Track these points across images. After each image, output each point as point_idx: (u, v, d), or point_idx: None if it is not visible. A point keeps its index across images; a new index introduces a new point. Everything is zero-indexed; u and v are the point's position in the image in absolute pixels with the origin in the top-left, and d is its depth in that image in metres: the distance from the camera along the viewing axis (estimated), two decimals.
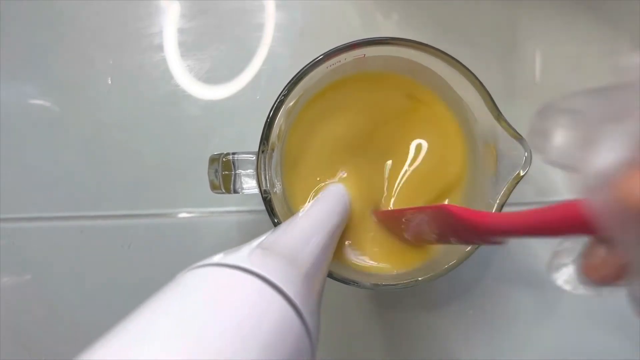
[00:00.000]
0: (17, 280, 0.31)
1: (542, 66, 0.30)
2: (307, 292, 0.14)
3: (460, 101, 0.24)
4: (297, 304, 0.13)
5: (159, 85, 0.31)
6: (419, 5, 0.30)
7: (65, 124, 0.31)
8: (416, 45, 0.22)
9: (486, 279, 0.30)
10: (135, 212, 0.31)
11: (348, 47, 0.22)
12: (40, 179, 0.31)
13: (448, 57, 0.22)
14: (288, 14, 0.31)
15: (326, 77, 0.24)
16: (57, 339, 0.31)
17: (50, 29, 0.32)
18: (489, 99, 0.22)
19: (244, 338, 0.11)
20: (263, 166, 0.22)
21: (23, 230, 0.31)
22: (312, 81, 0.23)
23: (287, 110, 0.23)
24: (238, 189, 0.24)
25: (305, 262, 0.16)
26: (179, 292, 0.13)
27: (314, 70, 0.22)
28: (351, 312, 0.30)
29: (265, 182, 0.23)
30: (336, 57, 0.22)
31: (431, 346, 0.30)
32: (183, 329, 0.11)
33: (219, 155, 0.24)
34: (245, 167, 0.23)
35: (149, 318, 0.12)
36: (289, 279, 0.14)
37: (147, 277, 0.30)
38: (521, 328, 0.30)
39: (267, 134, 0.22)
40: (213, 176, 0.24)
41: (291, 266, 0.15)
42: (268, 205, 0.22)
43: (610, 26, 0.30)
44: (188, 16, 0.31)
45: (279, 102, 0.22)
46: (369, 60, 0.24)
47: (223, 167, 0.23)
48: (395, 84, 0.25)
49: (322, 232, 0.19)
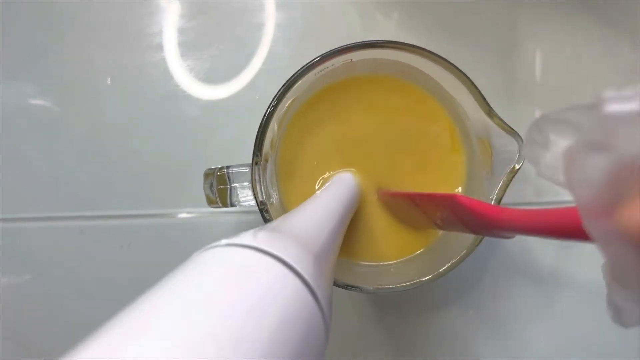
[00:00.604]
0: (17, 280, 0.31)
1: (542, 66, 0.30)
2: (319, 273, 0.14)
3: (451, 99, 0.24)
4: (310, 283, 0.13)
5: (159, 85, 0.31)
6: (419, 5, 0.30)
7: (65, 124, 0.31)
8: (403, 47, 0.22)
9: (486, 279, 0.30)
10: (135, 212, 0.31)
11: (335, 52, 0.22)
12: (40, 179, 0.31)
13: (436, 57, 0.22)
14: (288, 14, 0.31)
15: (316, 83, 0.24)
16: (57, 339, 0.31)
17: (50, 29, 0.32)
18: (480, 96, 0.22)
19: (259, 317, 0.11)
20: (258, 178, 0.23)
21: (23, 230, 0.31)
22: (302, 89, 0.23)
23: (278, 119, 0.23)
24: (235, 202, 0.24)
25: (316, 245, 0.16)
26: (194, 272, 0.13)
27: (302, 78, 0.22)
28: (351, 313, 0.30)
29: (261, 193, 0.23)
30: (324, 64, 0.22)
31: (431, 346, 0.30)
32: (198, 308, 0.11)
33: (213, 170, 0.24)
34: (240, 180, 0.23)
35: (164, 299, 0.12)
36: (302, 259, 0.14)
37: (147, 277, 0.30)
38: (521, 328, 0.30)
39: (259, 146, 0.22)
40: (209, 191, 0.24)
41: (303, 248, 0.15)
42: (265, 217, 0.23)
43: (610, 26, 0.30)
44: (188, 16, 0.31)
45: (269, 113, 0.22)
46: (358, 64, 0.24)
47: (218, 182, 0.23)
48: (386, 85, 0.25)
49: (332, 216, 0.19)
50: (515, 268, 0.30)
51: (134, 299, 0.12)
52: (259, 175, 0.22)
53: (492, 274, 0.30)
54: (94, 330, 0.11)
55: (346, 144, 0.26)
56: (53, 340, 0.31)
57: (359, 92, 0.25)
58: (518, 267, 0.30)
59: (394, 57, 0.23)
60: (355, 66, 0.24)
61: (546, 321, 0.30)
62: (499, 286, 0.30)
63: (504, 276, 0.30)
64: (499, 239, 0.19)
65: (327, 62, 0.22)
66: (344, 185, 0.23)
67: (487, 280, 0.30)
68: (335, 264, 0.18)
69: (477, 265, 0.30)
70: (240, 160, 0.24)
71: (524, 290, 0.30)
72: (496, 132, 0.22)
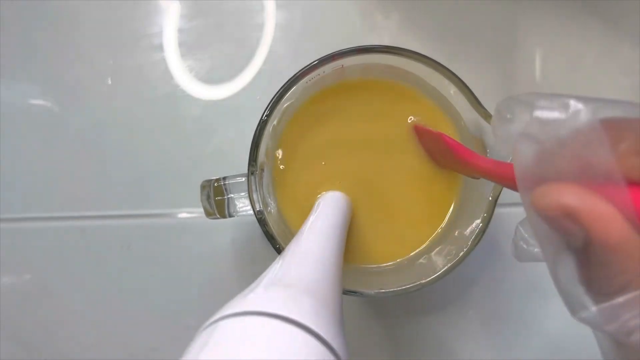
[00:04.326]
0: (17, 280, 0.31)
1: (542, 66, 0.30)
2: (338, 329, 0.14)
3: (443, 99, 0.24)
4: (334, 347, 0.13)
5: (159, 85, 0.31)
6: (419, 6, 0.30)
7: (65, 124, 0.31)
8: (392, 50, 0.22)
9: (485, 279, 0.30)
10: (135, 212, 0.31)
11: (325, 60, 0.22)
12: (40, 179, 0.31)
13: (426, 59, 0.22)
14: (288, 14, 0.31)
15: (307, 90, 0.24)
16: (57, 339, 0.31)
17: (51, 29, 0.32)
18: (472, 96, 0.22)
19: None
20: (254, 187, 0.22)
21: (23, 230, 0.31)
22: (294, 97, 0.23)
23: (272, 128, 0.23)
24: (233, 213, 0.24)
25: (327, 292, 0.16)
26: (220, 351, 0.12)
27: (293, 87, 0.22)
28: (351, 314, 0.30)
29: (258, 203, 0.23)
30: (314, 72, 0.23)
31: (431, 346, 0.30)
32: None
33: (209, 182, 0.24)
34: (237, 190, 0.23)
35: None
36: (321, 320, 0.13)
37: (147, 277, 0.30)
38: (521, 328, 0.30)
39: (254, 156, 0.22)
40: (206, 203, 0.24)
41: (318, 303, 0.14)
42: (264, 228, 0.22)
43: (610, 26, 0.30)
44: (188, 16, 0.31)
45: (262, 123, 0.22)
46: (348, 69, 0.24)
47: (215, 193, 0.23)
48: (378, 88, 0.25)
49: (333, 252, 0.19)
50: (514, 269, 0.30)
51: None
52: (255, 185, 0.23)
53: (492, 274, 0.30)
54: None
55: (341, 148, 0.25)
56: (53, 340, 0.31)
57: (351, 97, 0.25)
58: (518, 267, 0.30)
59: (386, 61, 0.23)
60: (346, 71, 0.24)
61: (546, 321, 0.30)
62: (499, 287, 0.30)
63: (503, 277, 0.30)
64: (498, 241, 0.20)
65: (317, 70, 0.23)
66: (338, 210, 0.23)
67: (487, 280, 0.30)
68: (341, 296, 0.18)
69: (477, 266, 0.30)
70: (239, 161, 0.24)
71: (523, 291, 0.30)
72: (490, 131, 0.22)
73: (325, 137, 0.25)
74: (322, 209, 0.22)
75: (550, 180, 0.11)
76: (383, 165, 0.25)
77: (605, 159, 0.10)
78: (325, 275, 0.17)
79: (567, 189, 0.11)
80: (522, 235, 0.15)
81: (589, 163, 0.11)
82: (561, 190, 0.11)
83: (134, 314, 0.30)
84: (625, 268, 0.10)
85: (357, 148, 0.25)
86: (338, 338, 0.14)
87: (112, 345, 0.30)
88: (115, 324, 0.30)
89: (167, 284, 0.30)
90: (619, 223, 0.10)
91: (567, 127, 0.11)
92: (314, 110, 0.25)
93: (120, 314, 0.30)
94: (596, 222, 0.10)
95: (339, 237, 0.20)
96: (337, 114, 0.25)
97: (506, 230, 0.29)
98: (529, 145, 0.12)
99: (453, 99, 0.23)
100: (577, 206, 0.10)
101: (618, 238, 0.10)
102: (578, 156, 0.11)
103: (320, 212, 0.22)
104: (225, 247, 0.30)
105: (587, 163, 0.11)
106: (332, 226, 0.20)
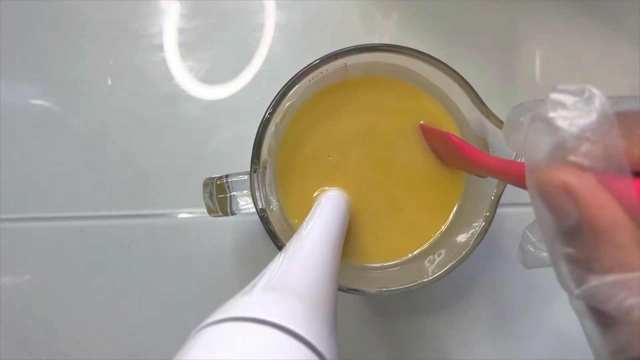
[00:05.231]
0: (17, 280, 0.31)
1: (542, 66, 0.30)
2: (328, 332, 0.14)
3: (446, 97, 0.24)
4: (322, 352, 0.13)
5: (159, 85, 0.31)
6: (419, 6, 0.30)
7: (65, 124, 0.31)
8: (395, 48, 0.22)
9: (486, 279, 0.30)
10: (135, 212, 0.31)
11: (327, 58, 0.22)
12: (40, 179, 0.31)
13: (430, 58, 0.22)
14: (288, 14, 0.31)
15: (310, 89, 0.24)
16: (57, 339, 0.31)
17: (51, 29, 0.32)
18: (475, 95, 0.22)
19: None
20: (257, 185, 0.23)
21: (23, 230, 0.31)
22: (297, 94, 0.23)
23: (274, 126, 0.23)
24: (235, 211, 0.24)
25: (320, 296, 0.16)
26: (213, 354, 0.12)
27: (296, 85, 0.22)
28: (350, 314, 0.30)
29: (260, 201, 0.23)
30: (317, 70, 0.23)
31: (431, 346, 0.30)
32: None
33: (212, 180, 0.24)
34: (239, 188, 0.23)
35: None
36: (316, 331, 0.14)
37: (147, 277, 0.30)
38: (521, 328, 0.30)
39: (257, 154, 0.22)
40: (208, 200, 0.24)
41: (313, 312, 0.14)
42: (267, 226, 0.23)
43: (610, 26, 0.30)
44: (188, 16, 0.31)
45: (265, 121, 0.22)
46: (351, 68, 0.24)
47: (217, 191, 0.23)
48: (380, 86, 0.25)
49: (329, 253, 0.18)
50: (514, 269, 0.30)
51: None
52: (257, 183, 0.23)
53: (492, 274, 0.30)
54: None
55: (344, 146, 0.25)
56: (53, 340, 0.31)
57: (353, 94, 0.25)
58: (519, 267, 0.29)
59: (389, 59, 0.23)
60: (349, 70, 0.24)
61: (546, 321, 0.30)
62: (499, 287, 0.30)
63: (503, 277, 0.30)
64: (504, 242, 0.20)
65: (320, 69, 0.23)
66: (337, 210, 0.23)
67: (487, 280, 0.30)
68: (337, 307, 0.18)
69: (477, 266, 0.30)
70: (240, 161, 0.24)
71: (523, 291, 0.30)
72: (493, 131, 0.22)
73: (328, 135, 0.25)
74: (319, 209, 0.23)
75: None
76: (386, 163, 0.25)
77: (615, 150, 0.11)
78: (317, 277, 0.17)
79: (572, 171, 0.11)
80: (530, 239, 0.15)
81: (599, 152, 0.11)
82: (567, 171, 0.11)
83: (134, 314, 0.30)
84: (611, 254, 0.11)
85: (360, 146, 0.25)
86: (327, 340, 0.14)
87: (112, 345, 0.30)
88: (115, 324, 0.30)
89: (167, 283, 0.30)
90: (613, 210, 0.11)
91: (582, 114, 0.11)
92: (317, 108, 0.25)
93: (120, 314, 0.30)
94: (590, 200, 0.11)
95: (336, 237, 0.20)
96: (340, 112, 0.25)
97: (508, 229, 0.29)
98: (542, 135, 0.12)
99: (455, 97, 0.23)
100: (577, 186, 0.11)
101: (608, 222, 0.11)
102: (589, 145, 0.11)
103: (318, 212, 0.22)
104: (226, 247, 0.30)
105: (597, 152, 0.11)
106: (328, 227, 0.20)
